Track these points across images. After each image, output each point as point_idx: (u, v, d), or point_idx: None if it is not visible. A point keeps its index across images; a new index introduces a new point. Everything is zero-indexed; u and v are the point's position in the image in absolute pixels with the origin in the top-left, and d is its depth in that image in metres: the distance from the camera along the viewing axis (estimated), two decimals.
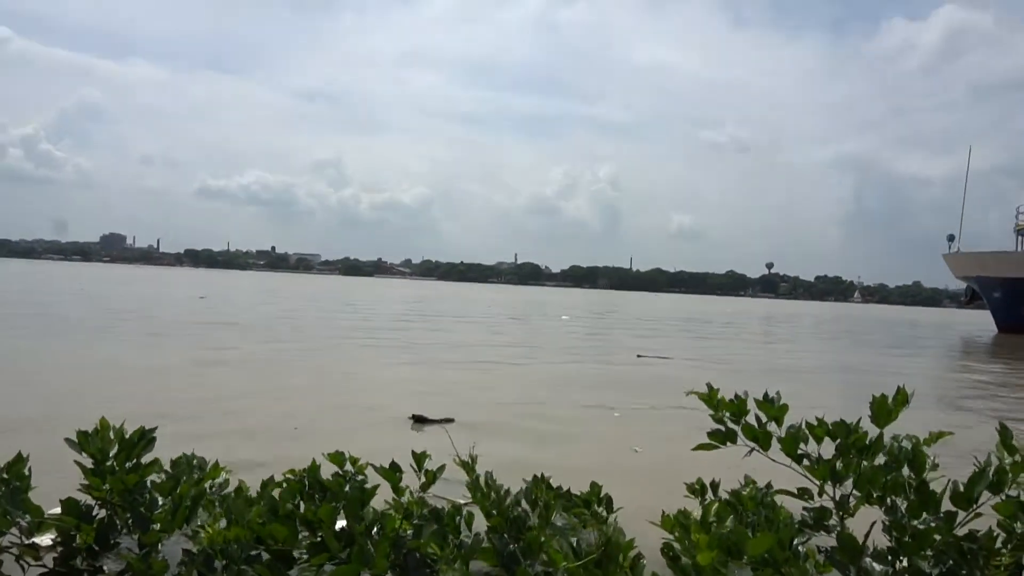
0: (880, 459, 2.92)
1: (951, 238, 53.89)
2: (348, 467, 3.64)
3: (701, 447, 3.23)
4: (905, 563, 2.81)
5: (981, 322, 55.63)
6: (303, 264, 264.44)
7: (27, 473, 3.35)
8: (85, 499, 3.34)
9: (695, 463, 4.29)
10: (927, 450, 2.90)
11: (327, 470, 3.67)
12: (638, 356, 16.85)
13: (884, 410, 2.93)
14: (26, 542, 3.29)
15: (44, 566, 3.33)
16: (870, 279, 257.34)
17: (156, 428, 3.48)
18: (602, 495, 4.24)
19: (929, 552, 2.76)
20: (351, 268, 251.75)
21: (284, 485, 3.52)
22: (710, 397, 3.22)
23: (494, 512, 3.35)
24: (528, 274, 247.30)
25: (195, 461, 3.66)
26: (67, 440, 3.31)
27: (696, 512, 3.90)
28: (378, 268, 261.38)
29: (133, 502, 3.25)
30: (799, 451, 3.03)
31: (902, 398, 2.94)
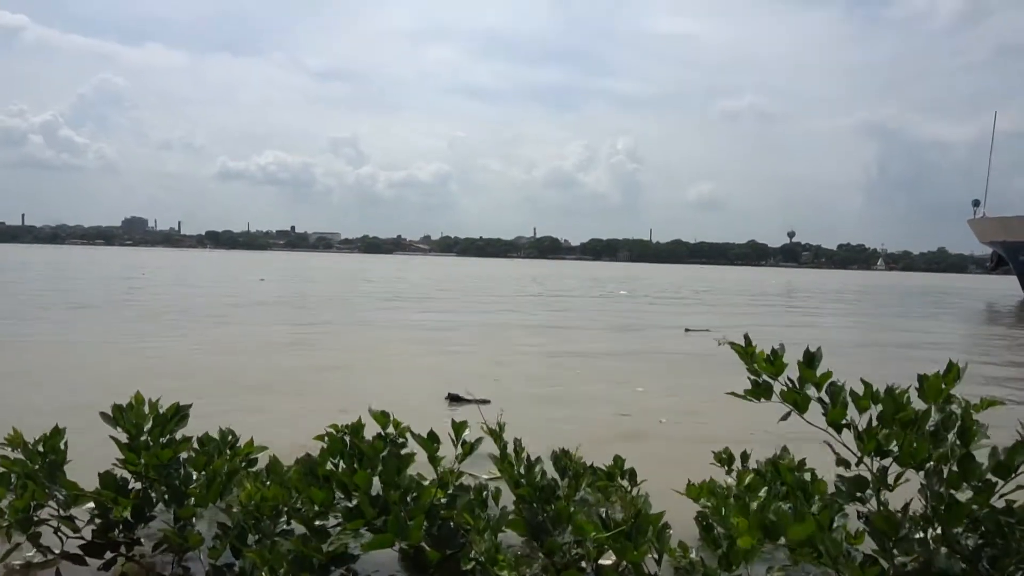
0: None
1: (976, 203, 52.95)
2: (390, 429, 3.64)
3: (734, 394, 3.11)
4: (939, 531, 2.77)
5: (1007, 288, 54.84)
6: (323, 243, 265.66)
7: (63, 447, 3.40)
8: (122, 473, 3.39)
9: (723, 433, 4.26)
10: (976, 416, 2.82)
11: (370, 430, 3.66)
12: (686, 330, 16.78)
13: (936, 387, 2.84)
14: (63, 514, 3.35)
15: (82, 538, 3.39)
16: (894, 246, 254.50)
17: (191, 405, 3.51)
18: (625, 468, 4.24)
19: (965, 521, 2.71)
20: (370, 246, 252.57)
21: (326, 441, 3.52)
22: (747, 351, 3.11)
23: (522, 482, 3.35)
24: (547, 248, 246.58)
25: (229, 438, 3.69)
26: (102, 414, 3.34)
27: (727, 480, 3.88)
28: (397, 245, 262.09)
29: (168, 476, 3.28)
30: (843, 421, 2.95)
31: (954, 373, 2.85)
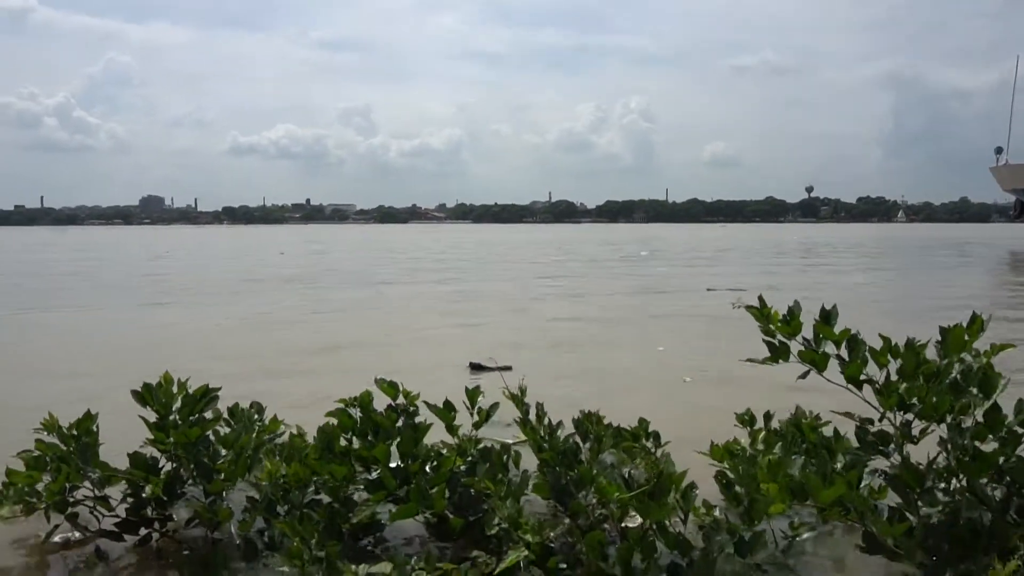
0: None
1: (999, 150, 52.15)
2: (400, 399, 3.66)
3: (752, 360, 3.11)
4: (964, 482, 2.77)
5: None
6: (338, 214, 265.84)
7: (95, 429, 3.47)
8: (152, 452, 3.46)
9: (745, 391, 4.27)
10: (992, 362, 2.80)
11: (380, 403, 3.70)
12: (708, 289, 16.62)
13: (959, 339, 2.81)
14: (98, 494, 3.44)
15: (117, 516, 3.48)
16: (914, 198, 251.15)
17: (220, 388, 3.57)
18: (650, 430, 4.26)
19: (990, 472, 2.70)
20: (386, 216, 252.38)
21: (335, 420, 3.56)
22: (761, 312, 3.08)
23: (545, 446, 3.38)
24: (563, 212, 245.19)
25: (256, 415, 3.74)
26: (133, 392, 3.40)
27: (745, 440, 3.89)
28: (413, 214, 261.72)
29: (197, 453, 3.35)
30: (862, 376, 2.94)
31: (978, 325, 2.82)
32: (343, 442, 3.48)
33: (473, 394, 3.68)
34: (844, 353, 2.98)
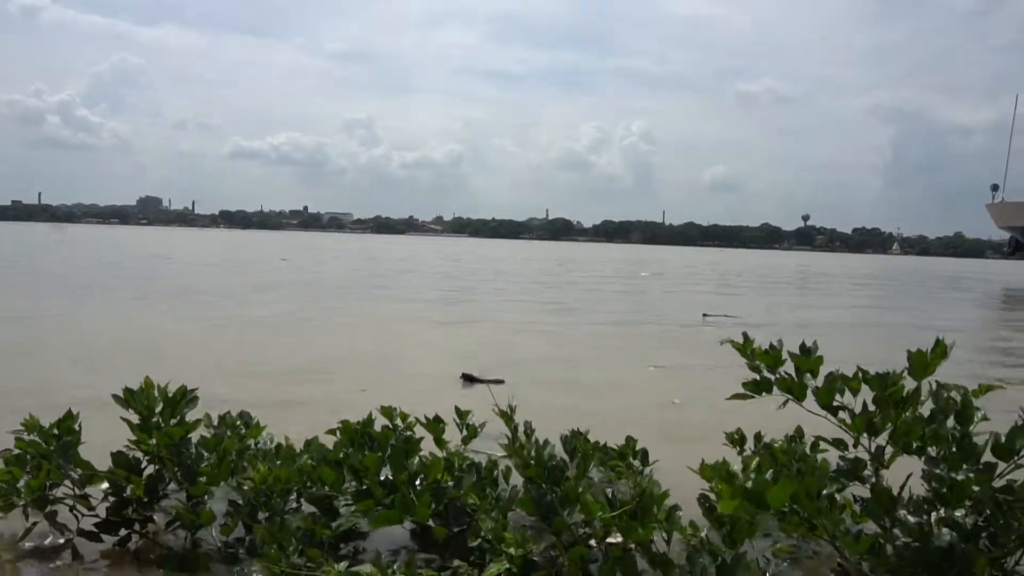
0: (924, 410, 2.87)
1: (995, 187, 52.58)
2: (398, 421, 3.71)
3: (736, 396, 3.18)
4: (942, 513, 2.78)
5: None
6: (335, 223, 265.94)
7: (77, 428, 3.45)
8: (135, 454, 3.44)
9: (734, 417, 4.29)
10: (975, 402, 2.84)
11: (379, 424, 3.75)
12: (704, 316, 16.46)
13: (922, 363, 2.87)
14: (78, 493, 3.41)
15: (97, 516, 3.45)
16: (910, 230, 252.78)
17: (197, 388, 3.55)
18: (637, 448, 4.26)
19: (967, 503, 2.72)
20: (383, 226, 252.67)
21: (337, 434, 3.59)
22: (744, 347, 3.17)
23: (531, 463, 3.38)
24: (559, 229, 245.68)
25: (239, 421, 3.74)
26: (114, 396, 3.39)
27: (736, 464, 3.89)
28: (410, 226, 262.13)
29: (180, 456, 3.34)
30: (835, 403, 2.99)
31: (940, 351, 2.87)
32: (340, 455, 3.51)
33: (463, 414, 3.71)
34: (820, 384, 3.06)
